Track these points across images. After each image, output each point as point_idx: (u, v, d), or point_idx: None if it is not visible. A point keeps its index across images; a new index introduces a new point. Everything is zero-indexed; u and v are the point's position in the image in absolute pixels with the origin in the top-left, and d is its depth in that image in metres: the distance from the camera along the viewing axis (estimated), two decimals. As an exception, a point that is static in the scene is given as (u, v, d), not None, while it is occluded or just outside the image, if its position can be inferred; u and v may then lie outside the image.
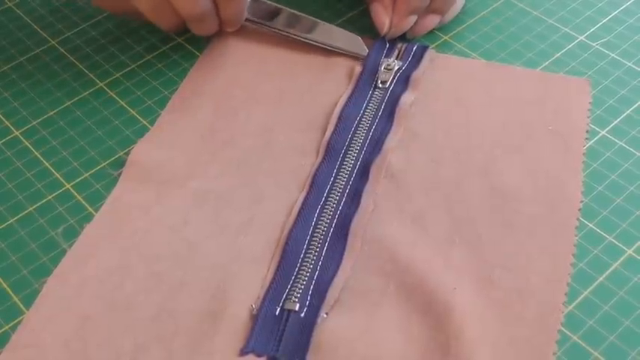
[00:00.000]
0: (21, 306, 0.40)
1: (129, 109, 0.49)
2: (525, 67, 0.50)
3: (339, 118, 0.46)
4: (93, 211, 0.44)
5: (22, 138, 0.48)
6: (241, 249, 0.41)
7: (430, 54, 0.50)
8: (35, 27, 0.55)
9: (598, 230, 0.42)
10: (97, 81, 0.51)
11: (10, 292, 0.40)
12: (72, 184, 0.45)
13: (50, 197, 0.45)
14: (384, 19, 0.50)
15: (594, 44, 0.51)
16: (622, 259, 0.40)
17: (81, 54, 0.53)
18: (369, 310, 0.38)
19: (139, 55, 0.52)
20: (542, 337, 0.37)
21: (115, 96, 0.50)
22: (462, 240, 0.41)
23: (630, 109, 0.47)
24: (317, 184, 0.43)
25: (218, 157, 0.45)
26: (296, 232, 0.41)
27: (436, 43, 0.52)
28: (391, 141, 0.45)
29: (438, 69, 0.50)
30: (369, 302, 0.39)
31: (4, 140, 0.48)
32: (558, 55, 0.51)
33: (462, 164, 0.44)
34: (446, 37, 0.52)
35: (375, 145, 0.45)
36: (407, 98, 0.47)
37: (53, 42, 0.54)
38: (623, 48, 0.51)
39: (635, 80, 0.49)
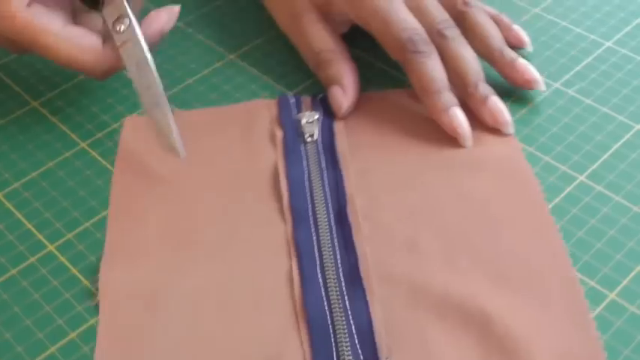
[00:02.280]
0: (3, 371, 0.39)
1: (111, 168, 0.49)
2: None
3: (288, 181, 0.46)
4: (77, 273, 0.43)
5: (3, 200, 0.48)
6: (263, 335, 0.40)
7: None
8: (17, 89, 0.55)
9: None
10: (79, 141, 0.51)
11: (-8, 358, 0.40)
12: (55, 245, 0.45)
13: (33, 259, 0.44)
14: (341, 101, 0.49)
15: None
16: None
17: (63, 115, 0.53)
18: (426, 346, 0.39)
19: (120, 115, 0.53)
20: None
21: (97, 156, 0.50)
22: (463, 253, 0.42)
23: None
24: (303, 249, 0.43)
25: (186, 256, 0.43)
26: (310, 298, 0.41)
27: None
28: (350, 187, 0.46)
29: (352, 109, 0.51)
30: (420, 338, 0.39)
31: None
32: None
33: (423, 185, 0.46)
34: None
35: (338, 196, 0.45)
36: (341, 143, 0.48)
37: (34, 104, 0.54)
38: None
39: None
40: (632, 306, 0.40)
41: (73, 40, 0.47)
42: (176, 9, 0.50)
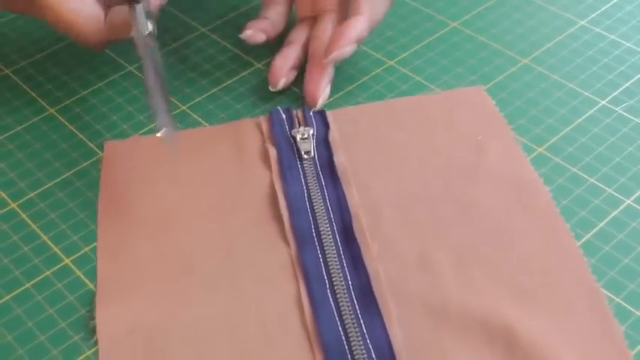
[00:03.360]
0: (18, 390, 0.38)
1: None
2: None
3: (287, 201, 0.44)
4: (93, 287, 0.42)
5: (19, 210, 0.46)
6: None
7: (330, 113, 0.50)
8: (33, 94, 0.54)
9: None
10: (97, 151, 0.50)
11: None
12: (71, 258, 0.44)
13: (48, 272, 0.43)
14: (279, 77, 0.51)
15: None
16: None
17: (81, 123, 0.52)
18: None
19: (140, 124, 0.51)
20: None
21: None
22: (477, 267, 0.41)
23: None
24: (310, 271, 0.41)
25: (185, 285, 0.41)
26: (323, 323, 0.39)
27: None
28: (353, 204, 0.44)
29: (347, 123, 0.49)
30: (443, 359, 0.38)
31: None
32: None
33: (427, 198, 0.45)
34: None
35: (342, 214, 0.44)
36: (340, 158, 0.47)
37: (51, 110, 0.53)
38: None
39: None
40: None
41: (76, 4, 0.46)
42: None
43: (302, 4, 0.55)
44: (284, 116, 0.49)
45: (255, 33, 0.53)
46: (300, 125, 0.49)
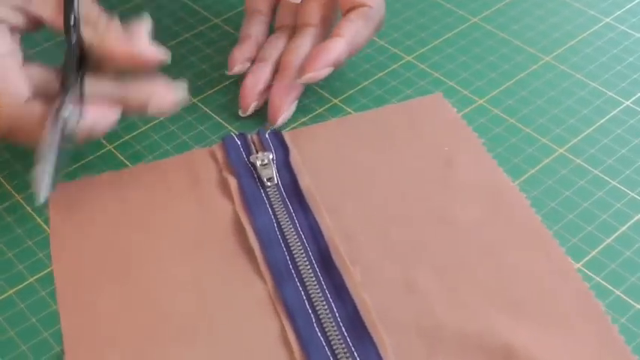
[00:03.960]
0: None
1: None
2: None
3: (256, 233, 0.42)
4: (97, 284, 0.41)
5: (23, 203, 0.46)
6: None
7: (287, 134, 0.47)
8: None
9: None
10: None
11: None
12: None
13: (52, 268, 0.42)
14: (249, 102, 0.49)
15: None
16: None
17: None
18: None
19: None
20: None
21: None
22: (466, 285, 0.39)
23: None
24: (293, 307, 0.39)
25: (160, 337, 0.38)
26: (314, 359, 0.37)
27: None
28: (327, 230, 0.42)
29: (306, 144, 0.47)
30: None
31: (4, 205, 0.46)
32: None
33: (402, 217, 0.43)
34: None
35: (317, 242, 0.41)
36: (305, 182, 0.44)
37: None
38: None
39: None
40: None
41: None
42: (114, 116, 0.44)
43: (284, 12, 0.53)
44: (239, 142, 0.47)
45: (242, 66, 0.51)
46: (257, 151, 0.46)
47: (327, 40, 0.48)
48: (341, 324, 0.38)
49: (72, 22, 0.43)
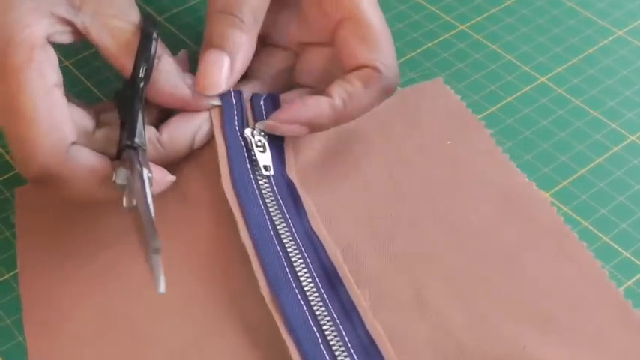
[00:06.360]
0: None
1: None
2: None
3: (254, 242, 0.37)
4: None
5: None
6: None
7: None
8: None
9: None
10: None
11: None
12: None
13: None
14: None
15: None
16: None
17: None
18: None
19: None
20: None
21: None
22: (483, 298, 0.36)
23: None
24: (293, 324, 0.34)
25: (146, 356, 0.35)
26: None
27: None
28: (327, 242, 0.37)
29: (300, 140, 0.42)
30: None
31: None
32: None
33: (407, 223, 0.39)
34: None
35: (318, 255, 0.37)
36: (293, 176, 0.39)
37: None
38: None
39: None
40: None
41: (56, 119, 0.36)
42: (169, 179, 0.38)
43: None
44: (234, 103, 0.41)
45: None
46: (250, 119, 0.41)
47: (315, 96, 0.41)
48: (350, 347, 0.34)
49: (141, 74, 0.37)
